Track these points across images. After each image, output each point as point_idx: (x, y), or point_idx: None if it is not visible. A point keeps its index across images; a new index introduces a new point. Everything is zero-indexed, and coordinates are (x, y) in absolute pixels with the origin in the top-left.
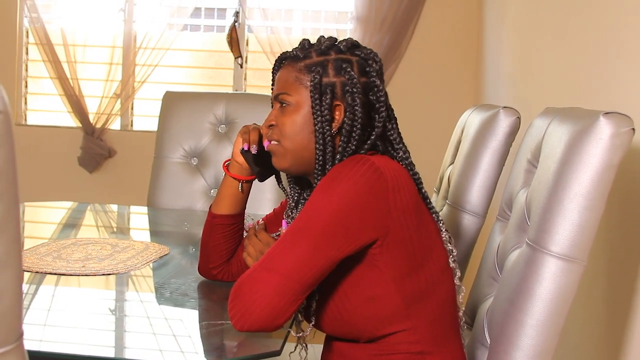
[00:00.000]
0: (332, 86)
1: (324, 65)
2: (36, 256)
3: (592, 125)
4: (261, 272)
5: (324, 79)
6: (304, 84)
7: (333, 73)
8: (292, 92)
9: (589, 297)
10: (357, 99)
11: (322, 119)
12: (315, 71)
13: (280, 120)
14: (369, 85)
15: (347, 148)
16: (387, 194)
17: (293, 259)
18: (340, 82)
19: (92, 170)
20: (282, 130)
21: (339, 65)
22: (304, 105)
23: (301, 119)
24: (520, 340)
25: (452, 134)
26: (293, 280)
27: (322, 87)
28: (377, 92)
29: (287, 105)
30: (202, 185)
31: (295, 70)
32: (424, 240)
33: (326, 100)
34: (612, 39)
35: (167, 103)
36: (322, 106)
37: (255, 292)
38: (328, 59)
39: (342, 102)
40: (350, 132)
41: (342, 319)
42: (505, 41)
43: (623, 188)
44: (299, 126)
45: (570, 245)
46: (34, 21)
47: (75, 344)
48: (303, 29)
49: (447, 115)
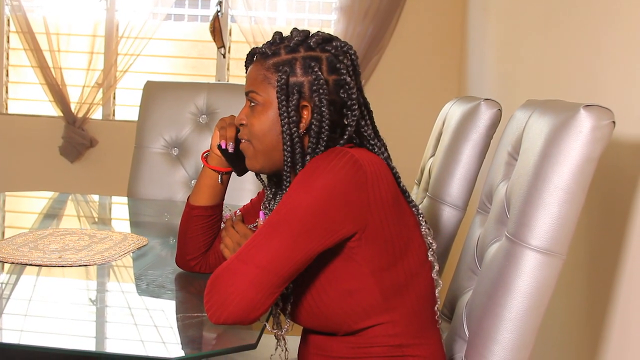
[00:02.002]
0: (300, 86)
1: (292, 64)
2: (13, 246)
3: (572, 118)
4: (238, 265)
5: (291, 79)
6: (271, 83)
7: (301, 72)
8: (260, 91)
9: (569, 291)
10: (324, 99)
11: (288, 120)
12: (282, 71)
13: (250, 121)
14: (339, 83)
15: (316, 149)
16: (367, 187)
17: (271, 252)
18: (308, 81)
19: (74, 160)
20: (251, 130)
21: (307, 64)
22: (272, 105)
23: (269, 119)
24: (499, 334)
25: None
26: (270, 273)
27: (288, 87)
28: (348, 90)
29: (256, 104)
30: (182, 176)
31: (264, 68)
32: (402, 233)
33: (293, 100)
34: (595, 33)
35: (147, 93)
36: (289, 107)
37: (231, 285)
38: (296, 57)
39: (309, 102)
40: (318, 132)
41: (319, 312)
42: (489, 33)
43: (603, 181)
44: (267, 127)
45: (549, 239)
46: (16, 9)
47: (56, 335)
48: (287, 19)
49: (430, 107)
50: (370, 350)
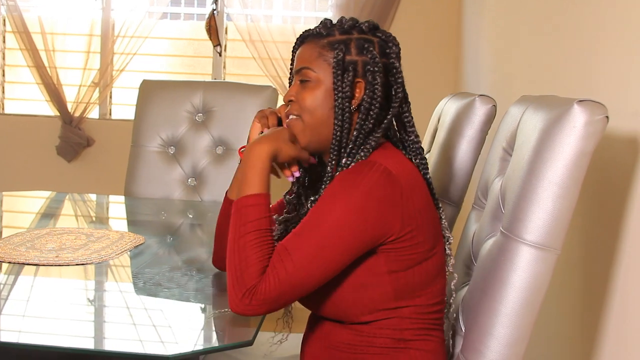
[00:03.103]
0: (354, 64)
1: (347, 44)
2: (10, 246)
3: (566, 113)
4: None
5: (347, 57)
6: (327, 60)
7: (355, 52)
8: (315, 67)
9: (564, 285)
10: (378, 77)
11: (342, 94)
12: (338, 48)
13: (301, 96)
14: (388, 67)
15: (364, 125)
16: (402, 201)
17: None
18: (362, 60)
19: (71, 160)
20: (302, 105)
21: (361, 45)
22: (325, 81)
23: (322, 94)
24: (495, 329)
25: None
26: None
27: (344, 64)
28: (395, 74)
29: (308, 81)
30: (179, 174)
31: (319, 46)
32: (428, 240)
33: (348, 77)
34: (588, 29)
35: (144, 91)
36: (344, 82)
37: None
38: (351, 37)
39: (363, 79)
40: (368, 109)
41: (330, 300)
42: (484, 29)
43: (597, 176)
44: (319, 101)
45: (544, 234)
46: (11, 9)
47: (55, 335)
48: (282, 17)
49: (427, 103)
50: (373, 340)
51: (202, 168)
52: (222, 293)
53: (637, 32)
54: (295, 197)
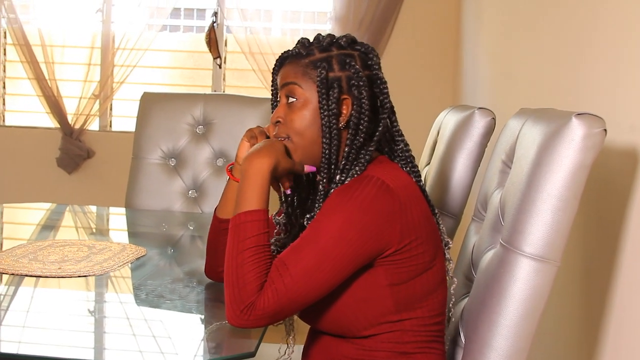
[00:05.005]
0: (339, 80)
1: (329, 61)
2: (12, 258)
3: (564, 127)
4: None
5: (330, 74)
6: (312, 78)
7: (338, 67)
8: (302, 82)
9: (564, 297)
10: (364, 91)
11: (329, 112)
12: (321, 66)
13: (289, 117)
14: (372, 78)
15: (355, 141)
16: (400, 215)
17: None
18: (346, 76)
19: (71, 171)
20: (291, 126)
21: (342, 60)
22: (312, 99)
23: (310, 114)
24: (494, 341)
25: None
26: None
27: (328, 81)
28: (380, 85)
29: (295, 100)
30: (180, 186)
31: (301, 66)
32: (428, 252)
33: (334, 94)
34: (586, 42)
35: (144, 104)
36: (330, 100)
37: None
38: (331, 54)
39: (349, 95)
40: (357, 124)
41: (330, 315)
42: (483, 42)
43: (596, 189)
44: (307, 121)
45: (543, 246)
46: (12, 22)
47: (55, 346)
48: (282, 29)
49: (425, 116)
50: (375, 353)
51: (203, 180)
52: (224, 305)
53: (635, 46)
54: (285, 216)
